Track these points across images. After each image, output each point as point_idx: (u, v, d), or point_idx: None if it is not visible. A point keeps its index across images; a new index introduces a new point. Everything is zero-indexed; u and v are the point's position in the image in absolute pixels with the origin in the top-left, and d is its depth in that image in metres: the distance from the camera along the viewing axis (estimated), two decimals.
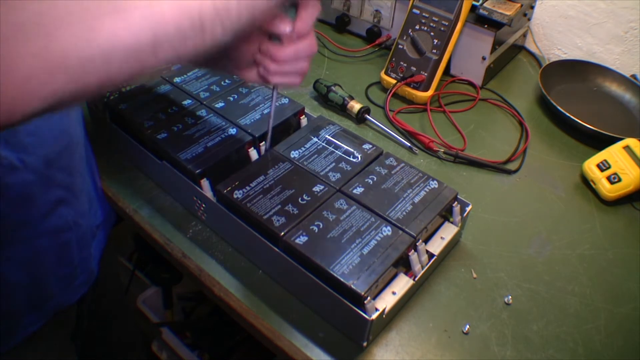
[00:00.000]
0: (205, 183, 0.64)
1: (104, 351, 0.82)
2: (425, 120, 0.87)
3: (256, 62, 0.54)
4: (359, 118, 0.85)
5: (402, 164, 0.66)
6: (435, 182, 0.64)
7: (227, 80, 0.78)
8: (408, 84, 0.90)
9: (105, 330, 0.81)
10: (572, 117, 0.85)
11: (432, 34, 0.89)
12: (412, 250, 0.58)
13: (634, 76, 0.98)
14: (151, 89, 0.75)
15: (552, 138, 0.87)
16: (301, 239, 0.56)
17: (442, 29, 0.88)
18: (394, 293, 0.56)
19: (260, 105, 0.74)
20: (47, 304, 0.59)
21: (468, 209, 0.64)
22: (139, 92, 0.75)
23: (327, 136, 0.70)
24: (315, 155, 0.67)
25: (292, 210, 0.59)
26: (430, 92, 0.90)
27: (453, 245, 0.66)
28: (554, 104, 0.87)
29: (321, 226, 0.58)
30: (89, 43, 0.32)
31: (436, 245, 0.61)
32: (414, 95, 0.90)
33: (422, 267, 0.59)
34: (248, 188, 0.62)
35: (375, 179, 0.64)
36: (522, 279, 0.64)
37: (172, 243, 0.65)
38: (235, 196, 0.61)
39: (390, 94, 0.90)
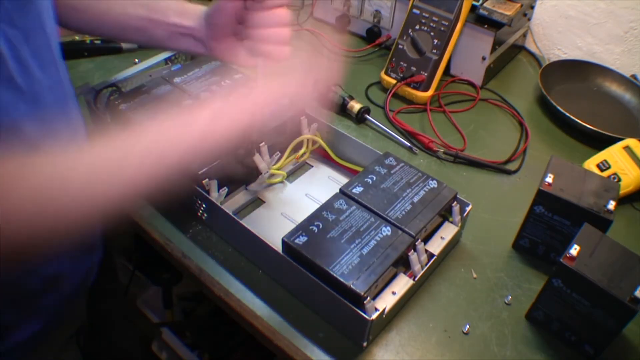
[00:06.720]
0: (213, 183, 0.64)
1: (103, 351, 0.82)
2: (425, 120, 0.87)
3: (240, 37, 0.58)
4: (359, 118, 0.85)
5: (402, 164, 0.66)
6: (434, 181, 0.64)
7: (226, 80, 0.78)
8: (408, 84, 0.90)
9: (105, 330, 0.81)
10: (572, 117, 0.85)
11: (432, 34, 0.89)
12: (412, 250, 0.58)
13: (634, 76, 0.98)
14: (151, 89, 0.75)
15: (552, 138, 0.87)
16: (301, 239, 0.56)
17: (442, 29, 0.88)
18: (393, 293, 0.56)
19: None
20: (63, 283, 0.58)
21: (468, 209, 0.64)
22: (139, 92, 0.75)
23: None
24: None
25: None
26: (430, 92, 0.90)
27: (453, 245, 0.66)
28: (554, 104, 0.87)
29: (321, 226, 0.58)
30: None
31: (436, 245, 0.61)
32: (414, 95, 0.90)
33: (422, 267, 0.59)
34: None
35: (374, 178, 0.64)
36: (522, 279, 0.64)
37: (172, 243, 0.65)
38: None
39: (390, 94, 0.90)
